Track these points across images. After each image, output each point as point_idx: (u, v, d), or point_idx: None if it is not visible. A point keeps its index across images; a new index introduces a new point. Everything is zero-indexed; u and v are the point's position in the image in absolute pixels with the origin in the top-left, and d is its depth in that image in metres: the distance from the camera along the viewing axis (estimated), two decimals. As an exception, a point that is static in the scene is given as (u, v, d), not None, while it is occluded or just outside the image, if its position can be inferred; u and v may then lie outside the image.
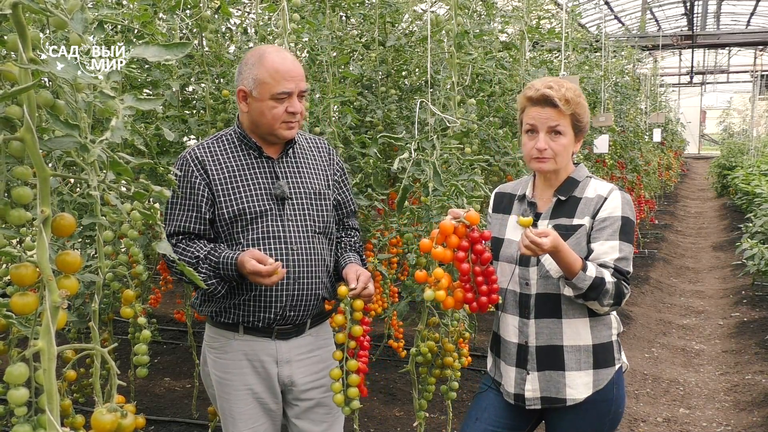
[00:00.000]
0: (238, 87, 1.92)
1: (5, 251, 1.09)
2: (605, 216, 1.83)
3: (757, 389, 4.33)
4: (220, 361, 2.01)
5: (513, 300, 1.93)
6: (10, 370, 0.98)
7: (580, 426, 1.90)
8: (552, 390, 1.88)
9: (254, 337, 1.98)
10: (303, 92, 1.92)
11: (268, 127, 1.91)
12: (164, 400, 3.98)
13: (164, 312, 5.53)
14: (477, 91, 3.72)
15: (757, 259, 5.07)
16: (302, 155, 2.05)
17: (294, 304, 1.95)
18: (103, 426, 1.07)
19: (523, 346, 1.91)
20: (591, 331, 1.87)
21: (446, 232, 1.73)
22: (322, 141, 2.15)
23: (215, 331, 2.03)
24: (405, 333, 3.72)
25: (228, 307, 1.96)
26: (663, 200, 13.64)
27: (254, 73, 1.87)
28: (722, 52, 23.01)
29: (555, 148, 1.85)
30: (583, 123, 1.89)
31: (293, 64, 1.90)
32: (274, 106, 1.87)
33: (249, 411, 1.99)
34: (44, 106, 0.98)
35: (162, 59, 1.02)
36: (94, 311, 1.24)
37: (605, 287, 1.74)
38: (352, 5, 3.69)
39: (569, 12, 5.69)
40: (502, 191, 2.09)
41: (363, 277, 1.91)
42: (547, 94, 1.82)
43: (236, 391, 1.98)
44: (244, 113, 1.95)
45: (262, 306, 1.94)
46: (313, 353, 2.05)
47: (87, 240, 2.33)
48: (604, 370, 1.88)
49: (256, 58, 1.89)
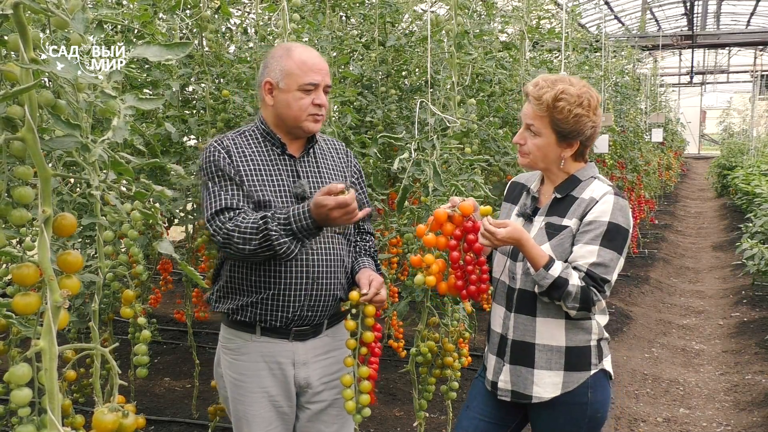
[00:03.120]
0: (264, 79, 1.91)
1: (6, 251, 1.09)
2: (591, 220, 1.80)
3: (757, 389, 4.33)
4: (236, 363, 1.98)
5: (502, 291, 1.95)
6: (13, 371, 0.98)
7: (555, 426, 1.90)
8: (520, 385, 1.90)
9: (271, 339, 1.94)
10: (328, 87, 1.93)
11: (294, 119, 1.90)
12: (164, 400, 3.98)
13: (164, 312, 5.52)
14: (477, 91, 3.73)
15: (757, 259, 5.07)
16: (322, 155, 2.03)
17: (312, 304, 1.93)
18: (105, 426, 1.07)
19: (504, 338, 1.93)
20: (566, 334, 1.86)
21: (440, 220, 1.78)
22: (339, 142, 2.15)
23: (231, 331, 1.99)
24: (405, 333, 3.72)
25: (245, 305, 1.93)
26: (663, 200, 13.64)
27: (282, 64, 1.87)
28: (722, 52, 23.02)
29: (529, 145, 1.87)
30: (564, 129, 1.82)
31: (320, 58, 1.93)
32: (302, 97, 1.87)
33: (264, 414, 1.95)
34: (45, 105, 0.98)
35: (162, 59, 1.02)
36: (94, 311, 1.24)
37: (567, 289, 1.73)
38: (352, 5, 3.69)
39: (569, 12, 5.69)
40: (516, 181, 2.10)
41: (375, 283, 1.90)
42: (526, 91, 1.86)
43: (251, 394, 1.95)
44: (269, 107, 1.93)
45: (280, 305, 1.91)
46: (329, 354, 2.03)
47: (87, 240, 2.33)
48: (575, 373, 1.86)
49: (283, 50, 1.90)
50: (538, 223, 1.89)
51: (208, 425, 3.18)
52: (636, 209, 7.86)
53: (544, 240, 1.85)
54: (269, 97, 1.92)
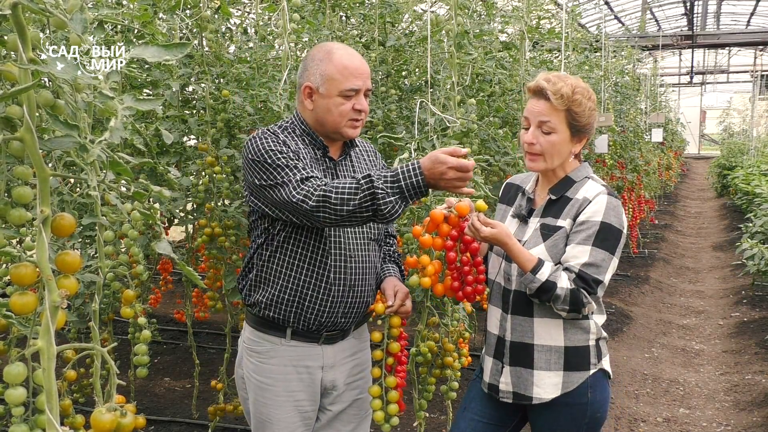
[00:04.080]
0: (304, 84, 1.85)
1: (5, 251, 1.09)
2: (583, 220, 1.80)
3: (757, 389, 4.33)
4: (263, 366, 1.94)
5: (498, 293, 1.95)
6: (8, 370, 0.98)
7: (555, 427, 1.90)
8: (521, 387, 1.89)
9: (301, 343, 1.92)
10: (369, 90, 1.88)
11: (334, 125, 1.85)
12: (164, 400, 3.98)
13: (164, 312, 5.53)
14: (477, 91, 3.72)
15: (757, 259, 5.07)
16: (357, 158, 2.00)
17: (346, 310, 1.91)
18: (103, 425, 1.07)
19: (501, 339, 1.93)
20: (564, 334, 1.85)
21: (436, 221, 1.78)
22: (369, 144, 2.12)
23: (259, 334, 1.95)
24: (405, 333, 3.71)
25: (279, 300, 1.87)
26: (663, 200, 13.64)
27: (322, 68, 1.81)
28: (722, 52, 23.01)
29: (543, 143, 1.82)
30: (580, 123, 1.82)
31: (361, 61, 1.86)
32: (342, 103, 1.82)
33: (288, 418, 1.93)
34: (44, 106, 0.98)
35: (162, 59, 1.02)
36: (94, 311, 1.24)
37: (555, 292, 1.73)
38: (352, 5, 3.69)
39: (569, 12, 5.69)
40: (511, 182, 2.09)
41: (400, 294, 1.89)
42: (541, 86, 1.79)
43: (277, 397, 1.92)
44: (308, 111, 1.87)
45: (316, 308, 1.87)
46: (354, 356, 2.03)
47: (87, 240, 2.33)
48: (575, 373, 1.86)
49: (323, 53, 1.83)
50: (533, 224, 1.89)
51: (208, 425, 3.18)
52: (636, 209, 7.86)
53: (539, 241, 1.84)
54: (309, 101, 1.86)
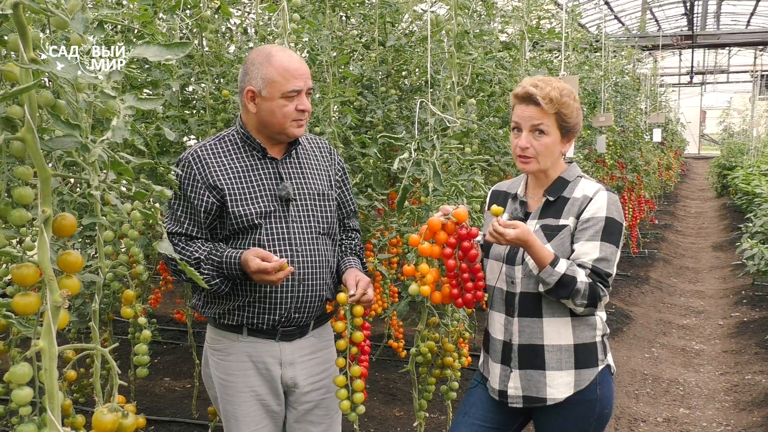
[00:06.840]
0: (246, 87, 1.89)
1: (6, 251, 1.09)
2: (588, 216, 1.82)
3: (757, 389, 4.33)
4: (223, 363, 1.99)
5: (500, 298, 1.94)
6: (13, 370, 0.98)
7: (565, 426, 1.90)
8: (533, 389, 1.89)
9: (258, 339, 1.96)
10: (310, 90, 1.92)
11: (279, 126, 1.89)
12: (164, 400, 3.98)
13: (164, 312, 5.53)
14: (477, 91, 3.72)
15: (757, 259, 5.07)
16: (305, 156, 2.03)
17: (299, 305, 1.94)
18: (104, 426, 1.07)
19: (507, 344, 1.92)
20: (573, 331, 1.86)
21: (434, 229, 1.77)
22: (323, 140, 2.14)
23: (218, 332, 2.01)
24: (405, 333, 3.72)
25: (232, 309, 1.94)
26: (663, 200, 13.64)
27: (263, 72, 1.85)
28: (722, 52, 23.01)
29: (537, 147, 1.85)
30: (570, 123, 1.86)
31: (300, 62, 1.90)
32: (285, 104, 1.86)
33: (252, 413, 1.97)
34: (45, 106, 0.98)
35: (163, 58, 1.02)
36: (94, 311, 1.24)
37: (576, 286, 1.74)
38: (352, 5, 3.69)
39: (569, 12, 5.69)
40: (497, 189, 2.10)
41: (362, 283, 1.91)
42: (530, 92, 1.82)
43: (239, 393, 1.97)
44: (251, 114, 1.91)
45: (266, 308, 1.92)
46: (315, 355, 2.05)
47: (87, 240, 2.33)
48: (586, 370, 1.87)
49: (263, 57, 1.87)
50: (531, 226, 1.89)
51: (208, 425, 3.18)
52: (636, 209, 7.85)
53: (543, 241, 1.85)
54: (252, 104, 1.90)
